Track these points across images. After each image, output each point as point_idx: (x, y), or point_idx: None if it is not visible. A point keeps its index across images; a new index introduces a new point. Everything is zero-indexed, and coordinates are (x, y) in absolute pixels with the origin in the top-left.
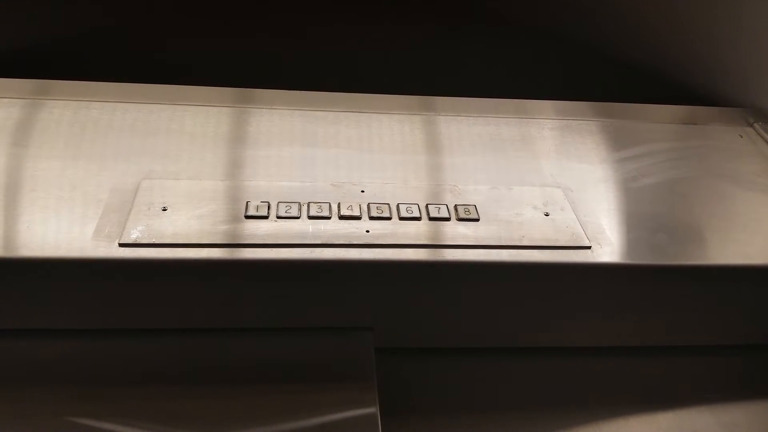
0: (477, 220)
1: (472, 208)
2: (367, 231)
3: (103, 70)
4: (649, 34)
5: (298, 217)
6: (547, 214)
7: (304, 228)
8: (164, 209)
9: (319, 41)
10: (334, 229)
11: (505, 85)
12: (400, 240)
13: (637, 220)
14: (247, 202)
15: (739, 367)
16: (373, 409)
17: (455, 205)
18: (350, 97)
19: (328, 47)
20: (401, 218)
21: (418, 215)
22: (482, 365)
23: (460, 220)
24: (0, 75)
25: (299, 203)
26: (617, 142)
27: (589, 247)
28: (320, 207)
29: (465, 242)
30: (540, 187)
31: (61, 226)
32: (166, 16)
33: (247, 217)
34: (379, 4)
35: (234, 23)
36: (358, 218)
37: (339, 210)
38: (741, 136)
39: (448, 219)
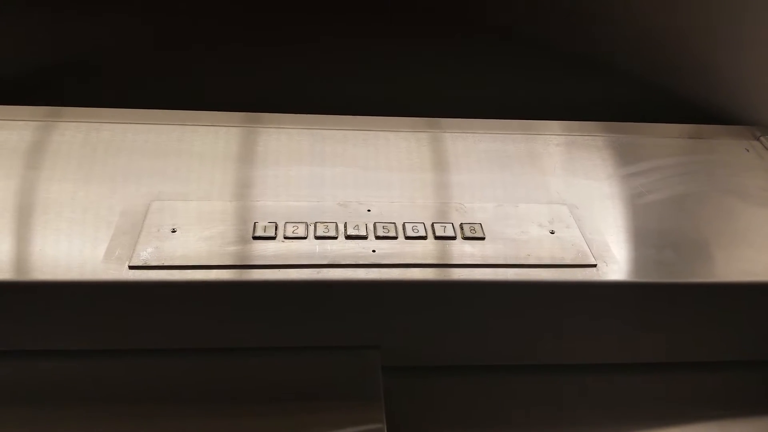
0: (483, 238)
1: (477, 227)
2: (374, 251)
3: (111, 96)
4: (655, 53)
5: (305, 238)
6: (552, 232)
7: (311, 248)
8: (173, 231)
9: (324, 63)
10: (340, 249)
11: (511, 104)
12: (406, 259)
13: (643, 237)
14: (255, 223)
15: (746, 384)
16: (380, 427)
17: (461, 224)
18: (356, 119)
19: (334, 69)
20: (407, 237)
21: (424, 234)
22: (489, 383)
23: (465, 238)
24: (9, 101)
25: (306, 223)
26: (623, 158)
27: (594, 265)
28: (327, 227)
29: (471, 261)
30: (546, 204)
31: (73, 248)
32: (170, 40)
33: (255, 238)
34: (382, 24)
35: (238, 47)
36: (364, 238)
37: (345, 230)
38: (747, 151)
39: (453, 238)
